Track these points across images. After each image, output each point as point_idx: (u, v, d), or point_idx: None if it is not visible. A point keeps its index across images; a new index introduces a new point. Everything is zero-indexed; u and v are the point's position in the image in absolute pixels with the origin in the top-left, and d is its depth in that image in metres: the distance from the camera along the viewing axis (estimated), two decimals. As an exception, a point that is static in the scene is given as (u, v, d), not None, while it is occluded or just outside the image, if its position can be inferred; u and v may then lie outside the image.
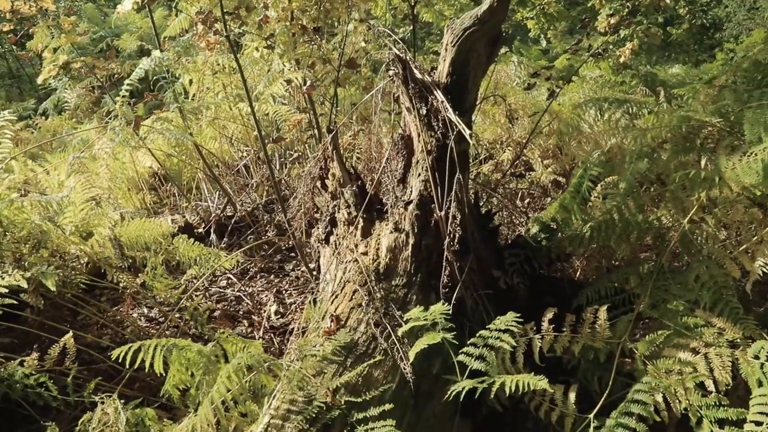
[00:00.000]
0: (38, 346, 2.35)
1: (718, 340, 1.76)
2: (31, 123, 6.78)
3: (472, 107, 2.27)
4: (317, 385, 1.55)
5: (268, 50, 3.44)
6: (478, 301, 2.03)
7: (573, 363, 2.07)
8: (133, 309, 3.03)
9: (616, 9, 4.86)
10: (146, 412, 1.90)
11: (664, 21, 6.80)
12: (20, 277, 2.13)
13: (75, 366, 2.10)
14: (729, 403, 1.66)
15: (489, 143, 4.59)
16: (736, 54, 3.62)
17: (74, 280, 2.45)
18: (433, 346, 1.72)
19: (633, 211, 2.23)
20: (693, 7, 5.55)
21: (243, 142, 4.22)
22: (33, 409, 2.08)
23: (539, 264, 2.37)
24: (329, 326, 1.76)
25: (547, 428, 1.95)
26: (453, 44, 2.11)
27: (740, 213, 1.89)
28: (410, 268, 1.95)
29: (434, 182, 2.03)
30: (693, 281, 1.93)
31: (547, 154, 4.38)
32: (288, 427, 1.45)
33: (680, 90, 3.95)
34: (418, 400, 1.68)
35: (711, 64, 5.57)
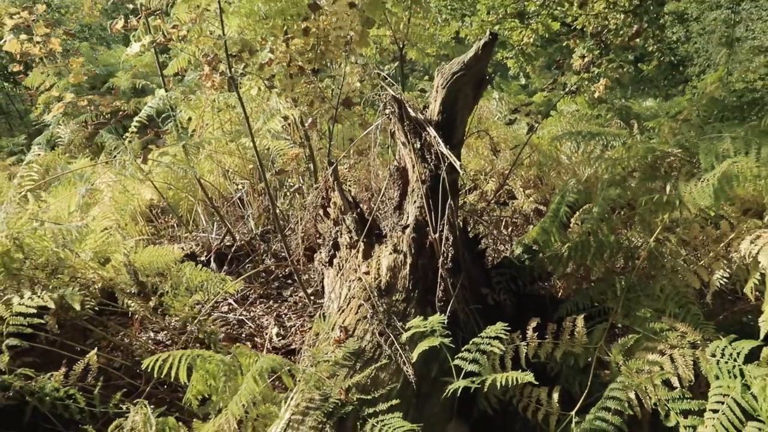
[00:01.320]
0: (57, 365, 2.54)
1: (681, 343, 2.03)
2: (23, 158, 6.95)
3: (460, 142, 2.56)
4: (331, 385, 1.78)
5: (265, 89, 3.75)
6: (469, 314, 2.29)
7: (556, 369, 2.33)
8: (141, 333, 3.22)
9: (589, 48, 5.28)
10: (168, 420, 2.10)
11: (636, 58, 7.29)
12: (48, 298, 2.34)
13: (100, 381, 2.30)
14: (692, 396, 1.93)
15: (473, 174, 4.91)
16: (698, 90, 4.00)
17: (88, 304, 2.65)
18: (431, 352, 1.97)
19: (606, 233, 2.53)
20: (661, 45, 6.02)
21: (239, 175, 4.48)
22: (58, 421, 2.26)
23: (523, 282, 2.65)
24: (339, 336, 2.00)
25: (534, 428, 2.19)
26: (443, 86, 2.42)
27: (696, 231, 2.19)
28: (408, 284, 2.21)
29: (428, 208, 2.31)
30: (659, 292, 2.21)
31: (528, 185, 4.70)
32: (308, 420, 1.68)
33: (650, 123, 4.31)
34: (419, 399, 1.92)
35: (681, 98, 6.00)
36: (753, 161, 2.06)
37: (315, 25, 3.19)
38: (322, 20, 3.20)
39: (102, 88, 6.58)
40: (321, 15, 3.23)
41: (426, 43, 5.12)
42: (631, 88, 9.57)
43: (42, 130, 7.98)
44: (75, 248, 2.75)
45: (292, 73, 3.40)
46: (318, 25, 3.20)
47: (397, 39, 3.65)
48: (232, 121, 4.28)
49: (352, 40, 3.12)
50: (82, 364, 2.34)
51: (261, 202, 4.35)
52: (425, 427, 1.86)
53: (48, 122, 6.90)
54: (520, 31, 4.39)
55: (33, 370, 2.40)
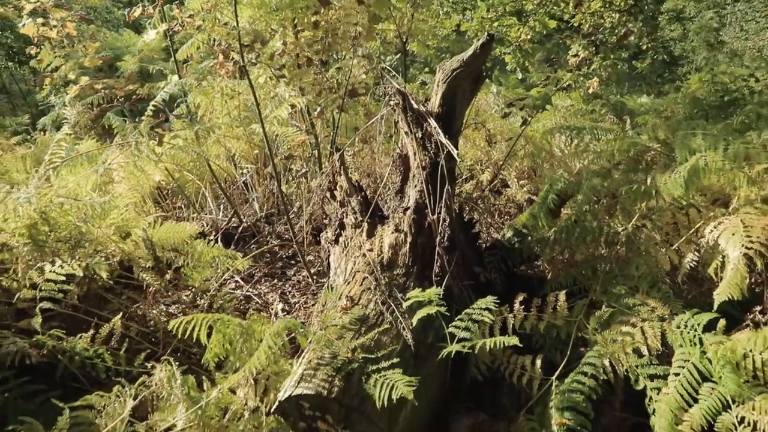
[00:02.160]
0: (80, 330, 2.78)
1: (651, 316, 2.30)
2: (29, 138, 7.15)
3: (458, 132, 2.81)
4: (339, 345, 2.04)
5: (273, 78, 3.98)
6: (462, 289, 2.55)
7: (540, 342, 2.59)
8: (154, 305, 3.46)
9: (584, 46, 5.52)
10: (188, 378, 2.35)
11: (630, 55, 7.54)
12: (77, 266, 2.58)
13: (124, 344, 2.55)
14: (659, 363, 2.19)
15: (470, 164, 5.16)
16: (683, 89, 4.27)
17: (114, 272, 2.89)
18: (428, 320, 2.23)
19: (589, 219, 2.79)
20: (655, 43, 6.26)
21: (246, 160, 4.70)
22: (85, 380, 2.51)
23: (513, 263, 2.91)
24: (345, 304, 2.25)
25: (519, 392, 2.46)
26: (443, 81, 2.66)
27: (668, 218, 2.45)
28: (408, 261, 2.46)
29: (428, 192, 2.56)
30: (634, 272, 2.48)
31: (522, 175, 4.96)
32: (319, 374, 1.93)
33: (639, 119, 4.57)
34: (417, 361, 2.17)
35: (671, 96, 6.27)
36: (719, 156, 2.31)
37: (324, 18, 3.42)
38: (331, 14, 3.43)
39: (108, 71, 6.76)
40: (330, 9, 3.46)
41: (427, 36, 5.34)
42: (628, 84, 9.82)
43: (45, 111, 8.17)
44: (97, 223, 2.99)
45: (300, 64, 3.63)
46: (327, 18, 3.43)
47: (401, 33, 3.88)
48: (240, 107, 4.51)
49: (359, 34, 3.35)
50: (107, 327, 2.58)
51: (266, 186, 4.59)
52: (421, 386, 2.12)
53: (53, 103, 7.09)
54: (517, 28, 4.63)
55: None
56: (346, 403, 1.87)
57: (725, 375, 1.95)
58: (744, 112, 2.82)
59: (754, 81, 3.76)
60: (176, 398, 2.14)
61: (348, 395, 1.88)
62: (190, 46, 4.84)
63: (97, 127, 6.78)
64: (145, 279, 3.21)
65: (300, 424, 1.96)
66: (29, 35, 4.77)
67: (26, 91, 8.85)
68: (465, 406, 2.49)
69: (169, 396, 2.17)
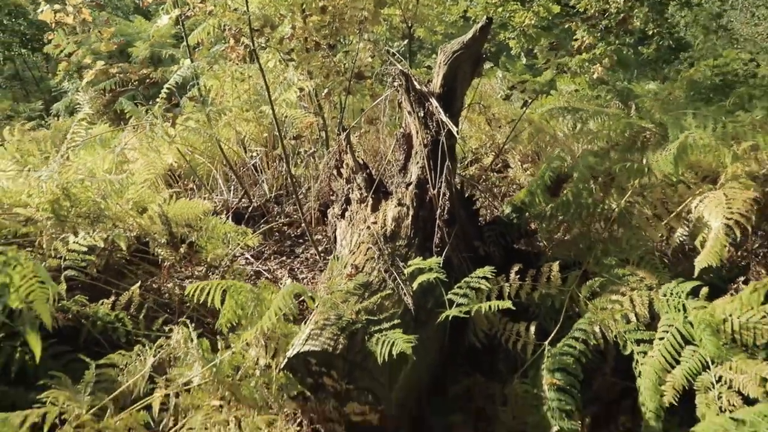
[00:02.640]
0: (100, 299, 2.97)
1: (639, 285, 2.44)
2: (43, 123, 7.36)
3: (459, 112, 2.95)
4: (344, 308, 2.20)
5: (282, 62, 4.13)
6: (462, 260, 2.70)
7: (535, 312, 2.74)
8: (168, 280, 3.64)
9: (589, 31, 5.62)
10: (203, 341, 2.53)
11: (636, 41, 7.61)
12: (99, 238, 2.76)
13: (143, 311, 2.73)
14: (645, 329, 2.34)
15: (475, 148, 5.30)
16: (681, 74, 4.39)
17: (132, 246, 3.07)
18: (428, 287, 2.39)
19: (584, 195, 2.93)
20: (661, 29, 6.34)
21: (255, 142, 4.87)
22: (107, 343, 2.70)
23: (511, 238, 3.06)
24: (350, 272, 2.42)
25: (514, 358, 2.61)
26: (445, 63, 2.80)
27: (658, 193, 2.59)
28: (410, 233, 2.62)
29: (429, 168, 2.71)
30: (625, 245, 2.62)
31: (526, 159, 5.09)
32: (325, 333, 2.10)
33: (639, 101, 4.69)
34: (417, 324, 2.33)
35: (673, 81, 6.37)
36: (708, 134, 2.45)
37: (332, 3, 3.56)
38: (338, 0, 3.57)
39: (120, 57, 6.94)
40: (337, -6, 3.61)
41: (433, 22, 5.46)
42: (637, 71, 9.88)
43: (58, 97, 8.38)
44: (115, 199, 3.17)
45: (308, 48, 3.79)
46: (334, 3, 3.57)
47: (407, 18, 4.01)
48: (250, 91, 4.67)
49: (365, 19, 3.49)
50: (127, 295, 2.77)
51: (275, 168, 4.76)
52: (421, 347, 2.28)
53: (66, 89, 7.29)
54: (521, 13, 4.74)
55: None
56: (350, 359, 2.04)
57: (705, 338, 2.10)
58: (736, 93, 2.94)
59: (755, 65, 3.87)
60: (192, 357, 2.32)
61: (352, 352, 2.04)
62: (201, 31, 5.01)
63: (110, 112, 6.97)
64: (160, 254, 3.40)
65: (307, 380, 2.13)
66: (41, 23, 4.96)
67: (39, 77, 9.06)
68: (463, 370, 2.66)
69: (185, 356, 2.35)
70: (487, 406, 2.48)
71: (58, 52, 6.56)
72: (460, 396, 2.55)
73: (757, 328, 2.03)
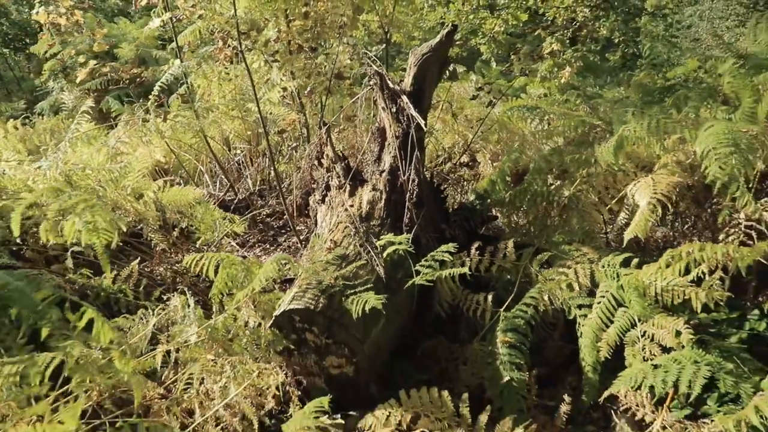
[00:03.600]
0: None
1: (583, 260, 2.86)
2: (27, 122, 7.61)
3: (427, 108, 3.35)
4: (324, 275, 2.58)
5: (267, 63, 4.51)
6: (429, 240, 3.09)
7: (494, 285, 3.14)
8: (160, 263, 3.98)
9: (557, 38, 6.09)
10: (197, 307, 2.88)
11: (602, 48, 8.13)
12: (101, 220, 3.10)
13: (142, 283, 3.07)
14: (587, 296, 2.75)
15: (448, 147, 5.71)
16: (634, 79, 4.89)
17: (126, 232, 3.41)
18: (399, 260, 2.77)
19: (540, 184, 3.35)
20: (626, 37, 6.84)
21: (240, 139, 5.23)
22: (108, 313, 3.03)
23: (475, 223, 3.46)
24: (329, 246, 2.79)
25: (474, 324, 3.01)
26: (415, 64, 3.20)
27: (601, 181, 3.02)
28: (383, 214, 3.01)
29: (400, 157, 3.10)
30: (572, 225, 3.04)
31: (495, 157, 5.52)
32: (307, 295, 2.47)
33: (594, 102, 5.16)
34: (389, 291, 2.70)
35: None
36: (643, 128, 2.88)
37: (314, 9, 3.96)
38: (319, 5, 3.96)
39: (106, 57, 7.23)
40: (319, 1, 4.00)
41: (410, 28, 5.89)
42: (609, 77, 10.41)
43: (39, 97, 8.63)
44: (113, 186, 3.51)
45: (291, 50, 4.17)
46: (316, 9, 3.96)
47: (384, 24, 4.42)
48: (234, 91, 5.03)
49: (344, 24, 3.89)
50: (127, 270, 3.11)
51: (258, 163, 5.12)
52: (391, 310, 2.66)
53: (51, 89, 7.56)
54: (491, 20, 5.19)
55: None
56: (329, 316, 2.41)
57: (633, 300, 2.51)
58: (675, 95, 3.38)
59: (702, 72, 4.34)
60: (189, 320, 2.68)
61: (330, 309, 2.42)
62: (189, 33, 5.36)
63: (94, 112, 7.24)
64: (153, 238, 3.75)
65: (291, 336, 2.50)
66: (23, 23, 5.29)
67: (20, 77, 9.30)
68: (429, 337, 3.05)
69: (183, 319, 2.71)
70: (449, 366, 2.87)
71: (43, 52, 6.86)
72: (426, 358, 2.93)
73: (675, 290, 2.45)
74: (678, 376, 2.16)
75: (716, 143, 2.39)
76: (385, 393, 2.51)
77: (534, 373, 2.62)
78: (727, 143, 2.35)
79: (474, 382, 2.73)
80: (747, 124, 2.59)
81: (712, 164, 2.42)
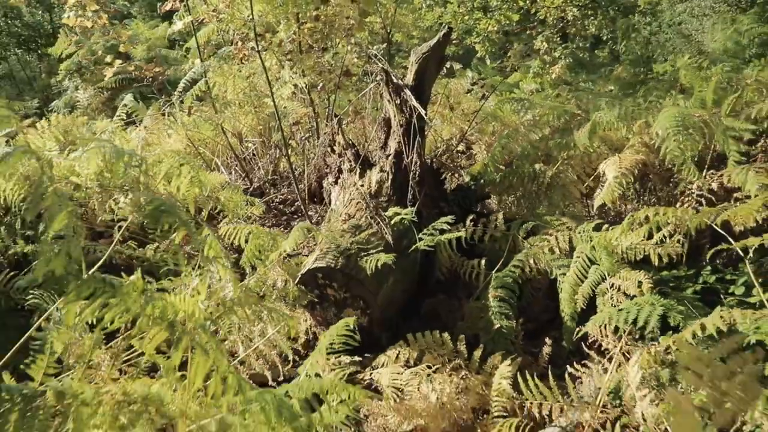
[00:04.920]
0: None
1: (563, 228, 3.40)
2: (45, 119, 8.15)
3: (427, 100, 3.90)
4: (341, 240, 3.12)
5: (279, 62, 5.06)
6: (430, 214, 3.64)
7: (486, 253, 3.69)
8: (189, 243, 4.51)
9: (547, 37, 6.66)
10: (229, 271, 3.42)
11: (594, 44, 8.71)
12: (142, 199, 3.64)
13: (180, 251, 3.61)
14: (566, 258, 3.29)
15: (447, 139, 6.27)
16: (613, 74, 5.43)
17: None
18: (404, 231, 3.31)
19: (527, 166, 3.89)
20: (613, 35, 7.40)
21: (252, 133, 5.77)
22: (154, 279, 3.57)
23: (470, 202, 4.00)
24: (344, 218, 3.34)
25: (469, 285, 3.55)
26: (416, 62, 3.75)
27: (579, 161, 3.56)
28: (390, 192, 3.55)
29: (404, 143, 3.65)
30: (555, 200, 3.59)
31: (489, 146, 6.08)
32: (328, 256, 3.00)
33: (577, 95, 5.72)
34: (396, 256, 3.25)
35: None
36: (613, 115, 3.43)
37: (323, 13, 4.50)
38: (328, 10, 4.51)
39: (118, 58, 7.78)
40: (328, 5, 4.54)
41: (409, 29, 6.45)
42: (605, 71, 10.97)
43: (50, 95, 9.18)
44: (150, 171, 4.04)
45: (303, 50, 4.72)
46: (326, 13, 4.51)
47: (386, 25, 4.97)
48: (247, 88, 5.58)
49: (351, 26, 4.43)
50: (168, 242, 3.65)
51: (270, 155, 5.66)
52: (399, 272, 3.20)
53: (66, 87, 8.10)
54: (485, 21, 5.74)
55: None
56: (346, 273, 2.95)
57: (602, 257, 3.06)
58: (647, 87, 3.93)
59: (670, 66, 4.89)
60: (226, 281, 3.21)
61: (348, 267, 2.96)
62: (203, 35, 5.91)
63: (108, 110, 7.79)
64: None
65: (315, 291, 3.04)
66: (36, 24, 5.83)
67: (32, 77, 9.84)
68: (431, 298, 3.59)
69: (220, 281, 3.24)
70: (449, 322, 3.41)
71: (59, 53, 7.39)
72: (429, 315, 3.48)
73: (637, 248, 3.00)
74: (637, 315, 2.70)
75: (669, 125, 2.94)
76: (394, 342, 3.05)
77: (521, 321, 3.16)
78: (677, 125, 2.90)
79: (470, 333, 3.27)
80: (697, 110, 3.14)
81: (668, 143, 2.97)
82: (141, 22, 8.94)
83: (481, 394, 2.72)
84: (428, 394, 2.60)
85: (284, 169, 5.55)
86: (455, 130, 6.21)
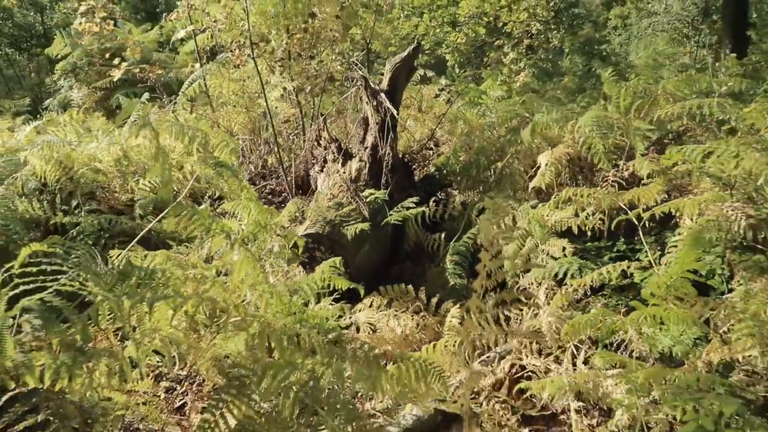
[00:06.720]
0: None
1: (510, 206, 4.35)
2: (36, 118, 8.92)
3: (399, 102, 4.83)
4: (327, 214, 4.03)
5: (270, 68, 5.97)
6: (401, 198, 4.57)
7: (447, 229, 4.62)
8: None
9: (512, 49, 7.67)
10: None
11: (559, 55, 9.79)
12: (156, 181, 4.51)
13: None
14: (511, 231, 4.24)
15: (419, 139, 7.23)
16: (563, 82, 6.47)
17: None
18: (378, 209, 4.24)
19: (482, 159, 4.85)
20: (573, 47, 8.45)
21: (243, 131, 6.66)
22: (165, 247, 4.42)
23: (434, 188, 4.94)
24: (329, 197, 4.25)
25: (432, 256, 4.48)
26: (390, 70, 4.69)
27: (523, 155, 4.53)
28: (367, 178, 4.47)
29: (379, 138, 4.58)
30: (503, 186, 4.55)
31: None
32: (316, 225, 3.90)
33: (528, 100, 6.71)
34: (372, 229, 4.17)
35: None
36: (550, 117, 4.40)
37: (312, 26, 5.42)
38: (316, 23, 5.43)
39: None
40: (315, 19, 5.47)
41: (387, 39, 7.41)
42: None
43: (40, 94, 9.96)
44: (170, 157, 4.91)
45: (292, 57, 5.64)
46: (314, 25, 5.43)
47: (365, 36, 5.92)
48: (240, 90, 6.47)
49: (335, 37, 5.36)
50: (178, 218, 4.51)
51: (260, 151, 6.55)
52: (375, 241, 4.12)
53: (60, 86, 8.90)
54: (454, 34, 6.73)
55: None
56: (331, 238, 3.86)
57: (536, 229, 4.00)
58: (585, 94, 4.91)
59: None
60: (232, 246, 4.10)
61: (333, 234, 3.86)
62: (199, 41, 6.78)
63: (101, 109, 8.58)
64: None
65: (305, 254, 3.95)
66: (28, 25, 6.66)
67: (21, 75, 10.58)
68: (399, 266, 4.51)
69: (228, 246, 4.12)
70: (414, 283, 4.32)
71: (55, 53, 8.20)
72: (398, 278, 4.39)
73: (563, 221, 3.96)
74: (558, 269, 3.66)
75: (589, 125, 3.92)
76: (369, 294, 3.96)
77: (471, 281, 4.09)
78: (593, 125, 3.87)
79: (431, 291, 4.20)
80: (615, 113, 4.13)
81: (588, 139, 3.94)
82: (134, 27, 9.79)
83: (437, 330, 3.64)
84: (395, 328, 3.52)
85: (272, 164, 6.45)
86: (426, 131, 7.18)
